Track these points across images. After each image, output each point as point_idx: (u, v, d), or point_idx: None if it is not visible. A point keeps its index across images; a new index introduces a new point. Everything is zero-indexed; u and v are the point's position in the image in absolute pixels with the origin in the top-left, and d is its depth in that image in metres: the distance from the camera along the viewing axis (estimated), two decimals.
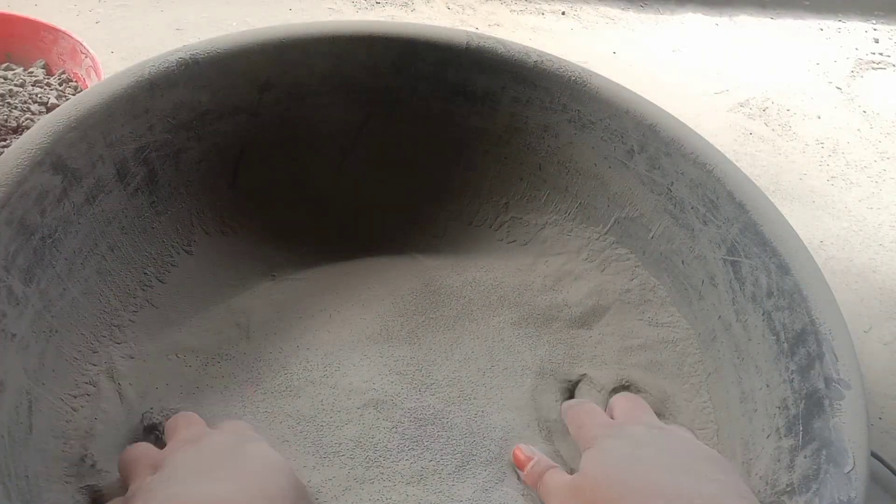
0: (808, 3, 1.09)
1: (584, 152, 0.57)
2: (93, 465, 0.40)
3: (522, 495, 0.42)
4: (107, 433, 0.42)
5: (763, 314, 0.46)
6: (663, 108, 0.53)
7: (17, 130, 0.63)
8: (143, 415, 0.43)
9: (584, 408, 0.43)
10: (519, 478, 0.44)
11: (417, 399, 0.47)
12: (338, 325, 0.51)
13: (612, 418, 0.43)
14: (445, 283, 0.55)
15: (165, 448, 0.37)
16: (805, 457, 0.39)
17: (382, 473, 0.43)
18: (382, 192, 0.59)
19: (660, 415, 0.47)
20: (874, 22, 1.08)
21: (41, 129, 0.43)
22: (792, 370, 0.42)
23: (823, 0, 1.09)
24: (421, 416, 0.46)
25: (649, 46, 0.96)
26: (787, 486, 0.39)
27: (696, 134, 0.51)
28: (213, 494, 0.29)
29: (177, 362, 0.47)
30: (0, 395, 0.37)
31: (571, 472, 0.40)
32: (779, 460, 0.40)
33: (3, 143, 0.61)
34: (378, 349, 0.50)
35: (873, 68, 0.99)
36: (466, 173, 0.60)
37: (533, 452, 0.42)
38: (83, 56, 0.68)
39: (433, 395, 0.48)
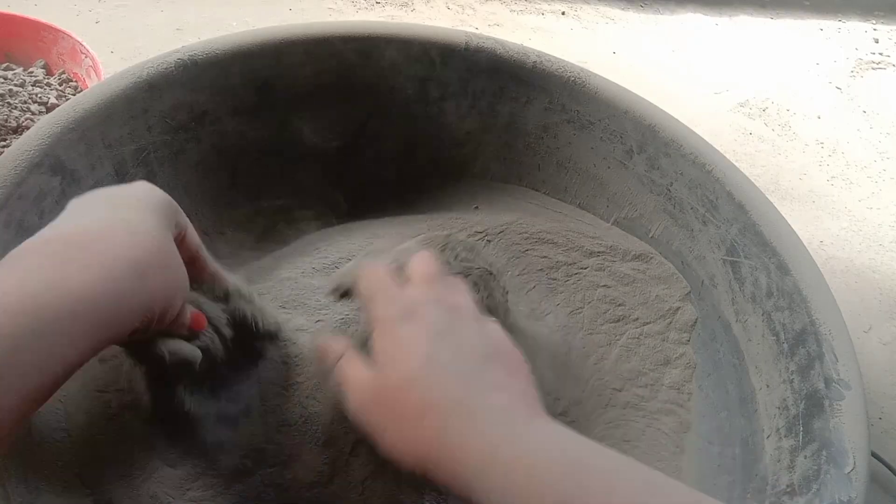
0: (808, 3, 1.09)
1: (584, 153, 0.57)
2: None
3: None
4: None
5: (763, 314, 0.46)
6: (663, 108, 0.53)
7: (17, 130, 0.63)
8: None
9: (376, 274, 0.38)
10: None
11: None
12: None
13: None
14: None
15: None
16: (805, 457, 0.38)
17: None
18: (382, 192, 0.59)
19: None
20: (874, 22, 1.08)
21: (39, 130, 0.43)
22: (792, 370, 0.42)
23: (823, 0, 1.09)
24: None
25: (649, 46, 0.96)
26: (788, 486, 0.39)
27: (696, 134, 0.51)
28: (75, 230, 0.30)
29: None
30: None
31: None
32: (779, 461, 0.40)
33: (3, 143, 0.61)
34: None
35: (873, 68, 0.99)
36: (466, 174, 0.60)
37: (325, 340, 0.38)
38: (83, 56, 0.68)
39: None
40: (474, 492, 0.30)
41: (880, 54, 1.02)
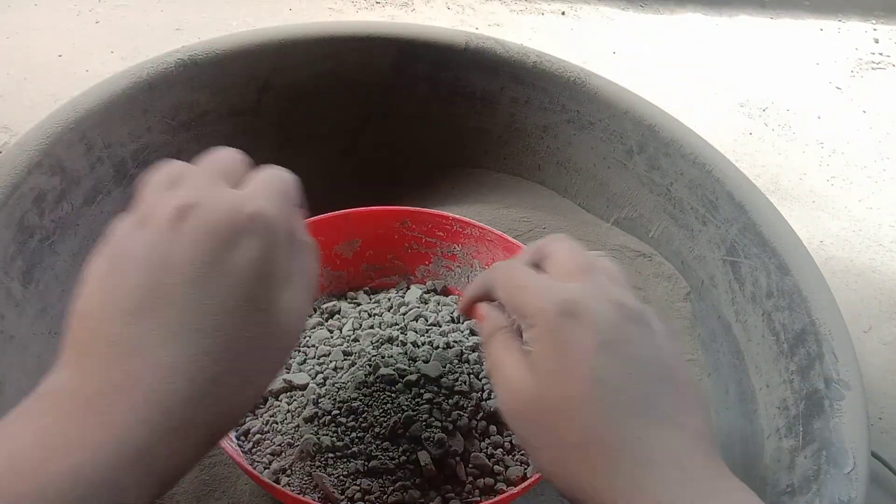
0: (808, 3, 1.09)
1: (584, 153, 0.57)
2: None
3: None
4: None
5: (763, 314, 0.46)
6: (662, 108, 0.53)
7: None
8: None
9: (517, 267, 0.32)
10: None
11: None
12: None
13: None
14: None
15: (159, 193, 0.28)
16: (805, 457, 0.38)
17: None
18: (382, 193, 0.59)
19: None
20: (874, 22, 1.08)
21: (39, 130, 0.43)
22: (792, 370, 0.42)
23: (823, 0, 1.09)
24: None
25: (649, 46, 0.96)
26: (788, 486, 0.38)
27: (696, 134, 0.51)
28: (151, 352, 0.24)
29: None
30: None
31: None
32: (779, 461, 0.40)
33: None
34: None
35: (873, 68, 0.99)
36: (466, 175, 0.60)
37: (490, 308, 0.33)
38: None
39: None
40: None
41: (880, 54, 1.02)
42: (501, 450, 0.39)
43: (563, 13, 0.99)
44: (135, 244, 0.26)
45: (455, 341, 0.43)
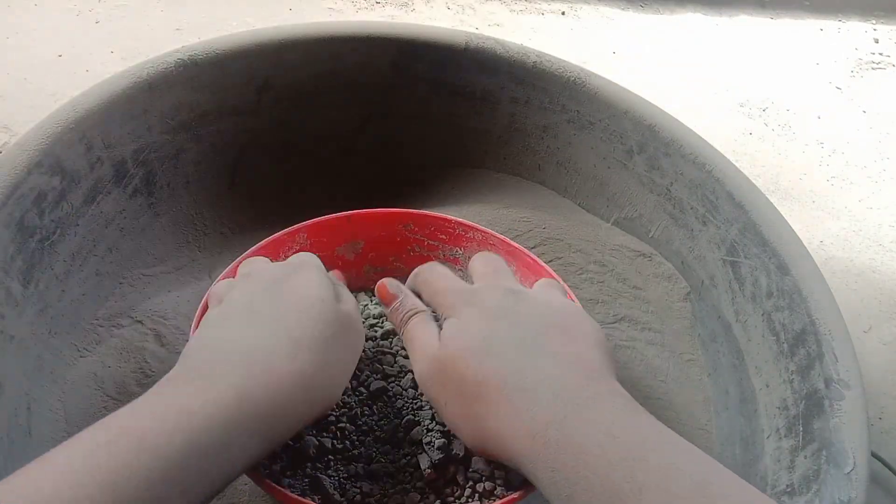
0: (808, 3, 1.09)
1: (584, 153, 0.57)
2: None
3: None
4: None
5: (763, 314, 0.46)
6: (662, 108, 0.53)
7: None
8: None
9: (437, 272, 0.40)
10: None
11: None
12: None
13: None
14: None
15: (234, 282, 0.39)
16: (805, 457, 0.38)
17: None
18: (382, 193, 0.59)
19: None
20: (874, 22, 1.08)
21: (39, 130, 0.43)
22: (792, 371, 0.42)
23: (823, 0, 1.09)
24: None
25: (649, 46, 0.96)
26: (788, 486, 0.39)
27: (696, 134, 0.51)
28: (244, 342, 0.32)
29: None
30: None
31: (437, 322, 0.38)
32: (779, 461, 0.40)
33: None
34: None
35: (873, 68, 0.99)
36: (466, 175, 0.60)
37: (399, 290, 0.39)
38: None
39: None
40: (526, 471, 0.30)
41: (880, 54, 1.01)
42: None
43: (563, 13, 0.99)
44: (215, 312, 0.36)
45: None
